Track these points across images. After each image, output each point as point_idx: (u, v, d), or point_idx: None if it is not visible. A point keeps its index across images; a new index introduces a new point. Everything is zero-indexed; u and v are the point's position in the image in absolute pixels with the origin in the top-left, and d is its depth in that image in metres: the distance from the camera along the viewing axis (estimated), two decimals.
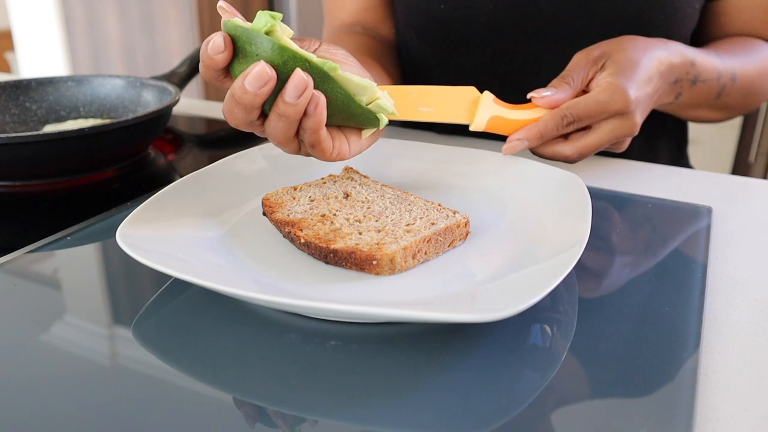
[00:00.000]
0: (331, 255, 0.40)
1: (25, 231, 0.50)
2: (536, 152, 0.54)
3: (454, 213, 0.44)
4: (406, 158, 0.55)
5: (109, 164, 0.62)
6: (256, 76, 0.37)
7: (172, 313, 0.38)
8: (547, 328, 0.37)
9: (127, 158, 0.63)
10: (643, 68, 0.54)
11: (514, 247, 0.43)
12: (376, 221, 0.43)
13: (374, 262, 0.39)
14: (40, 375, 0.33)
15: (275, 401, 0.31)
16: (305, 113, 0.39)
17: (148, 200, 0.43)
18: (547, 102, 0.52)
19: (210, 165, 0.50)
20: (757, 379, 0.34)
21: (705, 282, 0.42)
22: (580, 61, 0.55)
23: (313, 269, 0.41)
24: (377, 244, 0.40)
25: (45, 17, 2.37)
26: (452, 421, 0.29)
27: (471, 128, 0.53)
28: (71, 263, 0.45)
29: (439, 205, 0.45)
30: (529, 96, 0.53)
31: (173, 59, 2.17)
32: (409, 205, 0.46)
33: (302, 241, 0.41)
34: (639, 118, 0.54)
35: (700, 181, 0.62)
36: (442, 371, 0.33)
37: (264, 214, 0.45)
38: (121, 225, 0.39)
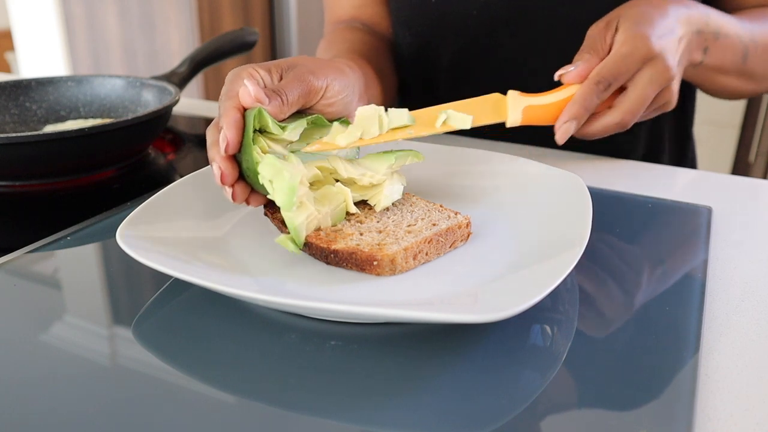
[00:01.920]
0: (332, 255, 0.40)
1: (25, 231, 0.50)
2: (586, 134, 0.53)
3: (456, 214, 0.44)
4: None
5: (109, 164, 0.62)
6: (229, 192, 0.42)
7: (172, 313, 0.38)
8: (547, 328, 0.37)
9: (127, 158, 0.63)
10: (659, 18, 0.53)
11: (514, 248, 0.43)
12: (378, 222, 0.43)
13: (375, 263, 0.39)
14: (40, 375, 0.33)
15: (275, 401, 0.31)
16: None
17: (148, 200, 0.43)
18: (576, 74, 0.51)
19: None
20: (757, 379, 0.34)
21: (705, 282, 0.42)
22: (593, 33, 0.54)
23: (313, 270, 0.41)
24: (378, 245, 0.40)
25: (45, 17, 2.37)
26: (452, 421, 0.29)
27: (508, 125, 0.51)
28: (71, 263, 0.45)
29: (441, 206, 0.45)
30: (557, 76, 0.52)
31: (173, 59, 2.17)
32: (411, 205, 0.46)
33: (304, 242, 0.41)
34: (671, 61, 0.52)
35: (700, 181, 0.62)
36: (442, 371, 0.33)
37: (265, 214, 0.45)
38: (121, 225, 0.39)
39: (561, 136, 0.51)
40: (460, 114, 0.48)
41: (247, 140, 0.40)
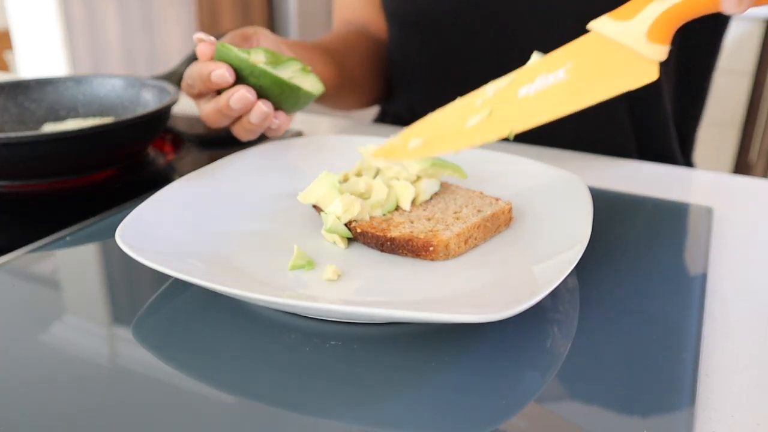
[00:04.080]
0: (388, 243, 0.41)
1: (25, 231, 0.50)
2: None
3: (497, 200, 0.46)
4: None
5: (109, 164, 0.62)
6: (240, 98, 0.49)
7: (172, 313, 0.38)
8: (547, 328, 0.37)
9: (126, 158, 0.63)
10: None
11: (514, 247, 0.43)
12: (424, 210, 0.45)
13: (431, 249, 0.40)
14: (39, 375, 0.33)
15: (275, 401, 0.31)
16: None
17: (148, 200, 0.43)
18: None
19: (210, 165, 0.50)
20: (757, 379, 0.34)
21: (705, 282, 0.42)
22: None
23: (312, 269, 0.40)
24: (431, 231, 0.41)
25: (45, 17, 2.37)
26: (452, 421, 0.29)
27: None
28: (71, 263, 0.45)
29: (481, 193, 0.47)
30: None
31: (173, 59, 2.17)
32: (452, 193, 0.48)
33: (358, 230, 0.42)
34: None
35: (700, 181, 0.62)
36: (442, 371, 0.33)
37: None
38: (121, 225, 0.39)
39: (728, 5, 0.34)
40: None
41: (241, 62, 0.48)
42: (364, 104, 0.84)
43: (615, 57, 0.37)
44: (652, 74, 0.37)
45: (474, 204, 0.45)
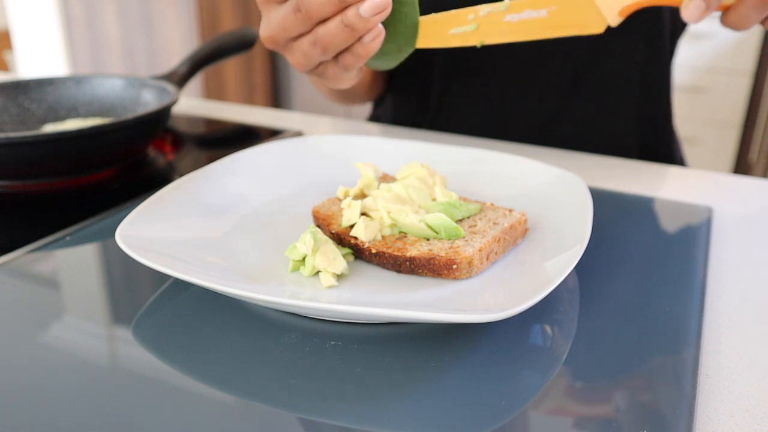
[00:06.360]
0: (407, 263, 0.39)
1: (25, 231, 0.50)
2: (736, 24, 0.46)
3: (510, 211, 0.44)
4: (406, 158, 0.55)
5: (109, 164, 0.62)
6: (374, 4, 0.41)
7: (172, 313, 0.38)
8: (547, 328, 0.37)
9: (127, 158, 0.63)
10: None
11: (514, 247, 0.43)
12: None
13: (454, 267, 0.38)
14: (39, 375, 0.33)
15: (275, 401, 0.31)
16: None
17: (148, 200, 0.43)
18: None
19: (210, 164, 0.50)
20: (757, 379, 0.34)
21: (705, 282, 0.42)
22: None
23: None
24: (451, 248, 0.39)
25: (45, 17, 2.37)
26: (452, 421, 0.29)
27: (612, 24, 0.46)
28: (71, 263, 0.45)
29: (492, 204, 0.45)
30: None
31: (173, 59, 2.17)
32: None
33: (373, 251, 0.40)
34: None
35: (700, 181, 0.62)
36: (442, 371, 0.33)
37: (318, 225, 0.44)
38: (121, 225, 0.39)
39: (691, 13, 0.43)
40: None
41: None
42: (378, 95, 0.84)
43: (587, 14, 0.45)
44: (600, 29, 0.46)
45: (487, 216, 0.43)
